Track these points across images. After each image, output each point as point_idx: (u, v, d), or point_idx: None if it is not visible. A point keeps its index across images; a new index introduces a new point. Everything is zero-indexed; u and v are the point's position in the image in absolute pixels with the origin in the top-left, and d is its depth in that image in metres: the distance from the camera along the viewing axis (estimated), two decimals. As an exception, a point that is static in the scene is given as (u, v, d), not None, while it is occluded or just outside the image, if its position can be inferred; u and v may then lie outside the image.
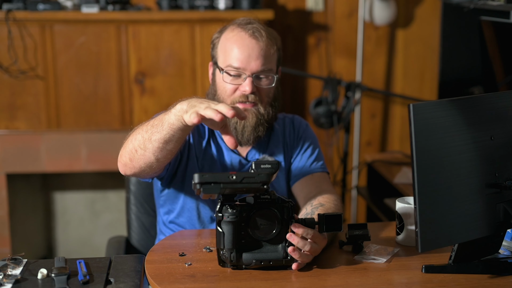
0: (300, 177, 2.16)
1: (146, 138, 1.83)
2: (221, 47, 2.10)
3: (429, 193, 1.61)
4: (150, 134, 1.82)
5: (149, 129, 1.82)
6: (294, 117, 2.28)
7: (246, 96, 2.05)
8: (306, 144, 2.21)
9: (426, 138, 1.60)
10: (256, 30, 2.07)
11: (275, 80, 2.10)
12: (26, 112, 3.53)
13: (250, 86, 2.04)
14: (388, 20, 3.84)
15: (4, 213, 3.59)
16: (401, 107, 4.07)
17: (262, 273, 1.71)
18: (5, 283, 1.65)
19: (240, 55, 2.04)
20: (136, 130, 1.88)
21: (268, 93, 2.10)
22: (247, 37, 2.05)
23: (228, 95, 2.07)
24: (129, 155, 1.88)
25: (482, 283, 1.66)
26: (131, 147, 1.87)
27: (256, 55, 2.04)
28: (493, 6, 2.86)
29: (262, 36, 2.06)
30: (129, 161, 1.90)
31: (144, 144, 1.83)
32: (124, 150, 1.91)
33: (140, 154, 1.86)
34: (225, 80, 2.06)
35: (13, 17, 3.39)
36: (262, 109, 2.08)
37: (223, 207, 1.69)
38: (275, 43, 2.11)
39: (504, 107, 1.75)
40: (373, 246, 1.88)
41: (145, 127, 1.84)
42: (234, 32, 2.08)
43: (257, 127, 2.08)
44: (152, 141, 1.82)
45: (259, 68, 2.05)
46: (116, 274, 1.72)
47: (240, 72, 2.05)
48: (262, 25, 2.11)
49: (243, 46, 2.04)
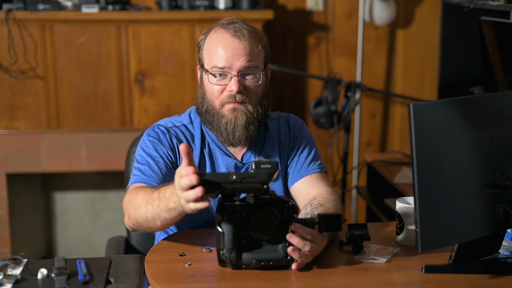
0: (299, 178, 2.16)
1: (155, 214, 1.84)
2: (206, 49, 2.10)
3: (429, 193, 1.61)
4: (159, 211, 1.83)
5: (155, 207, 1.83)
6: (289, 117, 2.27)
7: (234, 96, 2.05)
8: (302, 144, 2.20)
9: (426, 138, 1.60)
10: (238, 29, 2.07)
11: (261, 77, 2.09)
12: (26, 112, 3.53)
13: (236, 85, 2.04)
14: (388, 20, 3.84)
15: (4, 213, 3.60)
16: (401, 107, 4.08)
17: (262, 273, 1.71)
18: (5, 283, 1.66)
19: (224, 55, 2.04)
20: (145, 201, 1.88)
21: (256, 91, 2.09)
22: (229, 36, 2.05)
23: (215, 96, 2.07)
24: (138, 225, 1.93)
25: (482, 283, 1.66)
26: (140, 219, 1.90)
27: (239, 53, 2.04)
28: (493, 6, 2.86)
29: (244, 35, 2.06)
30: (138, 228, 1.94)
31: (153, 218, 1.86)
32: (131, 218, 1.93)
33: (151, 225, 1.88)
34: (211, 81, 2.06)
35: (13, 17, 3.39)
36: (251, 107, 2.08)
37: (223, 207, 1.69)
38: (260, 41, 2.10)
39: (504, 107, 1.75)
40: (373, 246, 1.88)
41: (155, 202, 1.84)
42: (217, 33, 2.08)
43: (248, 126, 2.08)
44: (161, 219, 1.84)
45: (244, 65, 2.04)
46: (116, 274, 1.72)
47: (225, 71, 2.05)
48: (245, 24, 2.10)
49: (226, 46, 2.04)
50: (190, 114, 2.20)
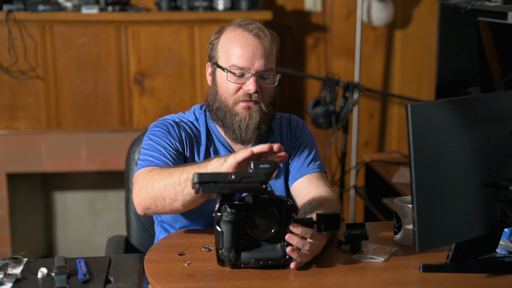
0: (298, 177, 2.17)
1: (178, 191, 1.85)
2: (223, 47, 2.10)
3: (426, 192, 1.62)
4: (183, 187, 1.84)
5: (181, 182, 1.84)
6: (291, 117, 2.28)
7: (250, 95, 2.06)
8: (303, 144, 2.22)
9: (424, 138, 1.61)
10: (260, 30, 2.08)
11: (277, 79, 2.11)
12: (27, 112, 3.54)
13: (254, 85, 2.05)
14: (386, 20, 3.85)
15: (5, 213, 3.60)
16: (399, 107, 4.09)
17: (260, 272, 1.71)
18: (6, 282, 1.66)
19: (244, 55, 2.05)
20: (163, 176, 1.89)
21: (270, 92, 2.12)
22: (251, 36, 2.06)
23: (231, 94, 2.08)
24: (156, 202, 1.91)
25: (480, 282, 1.67)
26: (159, 195, 1.89)
27: (260, 54, 2.05)
28: (490, 7, 2.87)
29: (266, 36, 2.07)
30: (153, 206, 1.92)
31: (176, 195, 1.86)
32: (148, 195, 1.91)
33: (168, 203, 1.89)
34: (229, 80, 2.07)
35: (14, 18, 3.40)
36: (264, 107, 2.09)
37: (222, 207, 1.70)
38: (276, 44, 2.13)
39: (501, 107, 1.76)
40: (371, 246, 1.89)
41: (177, 178, 1.85)
42: (236, 32, 2.08)
43: (260, 125, 2.09)
44: (184, 195, 1.85)
45: (263, 68, 2.06)
46: (115, 273, 1.73)
47: (244, 71, 2.06)
48: (263, 25, 2.12)
49: (247, 45, 2.05)
50: (194, 112, 2.21)
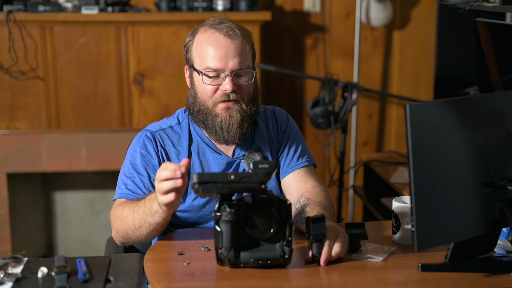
0: (289, 172, 2.18)
1: (141, 222, 1.93)
2: (196, 49, 2.10)
3: (425, 192, 1.62)
4: (144, 217, 1.91)
5: (141, 216, 1.92)
6: (275, 109, 2.28)
7: (228, 94, 2.06)
8: (290, 138, 2.22)
9: (422, 138, 1.61)
10: (230, 29, 2.07)
11: (254, 76, 2.11)
12: (27, 112, 3.54)
13: (230, 84, 2.05)
14: (384, 21, 3.85)
15: (5, 212, 3.61)
16: (398, 108, 4.09)
17: (260, 271, 1.72)
18: (6, 282, 1.66)
19: (217, 56, 2.04)
20: (127, 214, 1.99)
21: (249, 89, 2.11)
22: (222, 36, 2.05)
23: (209, 96, 2.08)
24: (126, 239, 2.03)
25: (478, 282, 1.67)
26: (125, 235, 2.02)
27: (233, 53, 2.05)
28: (488, 7, 2.87)
29: (236, 35, 2.06)
30: (127, 242, 2.04)
31: (140, 227, 1.94)
32: (118, 233, 2.04)
33: (138, 233, 1.97)
34: (205, 82, 2.07)
35: (14, 19, 3.41)
36: (245, 105, 2.09)
37: (221, 207, 1.70)
38: (249, 40, 2.12)
39: (499, 107, 1.76)
40: (369, 245, 1.89)
41: (138, 214, 1.94)
42: (208, 33, 2.07)
43: (242, 124, 2.09)
44: (146, 225, 1.93)
45: (237, 67, 2.05)
46: (115, 273, 1.73)
47: (219, 72, 2.06)
48: (234, 23, 2.11)
49: (219, 46, 2.05)
50: (178, 116, 2.22)
